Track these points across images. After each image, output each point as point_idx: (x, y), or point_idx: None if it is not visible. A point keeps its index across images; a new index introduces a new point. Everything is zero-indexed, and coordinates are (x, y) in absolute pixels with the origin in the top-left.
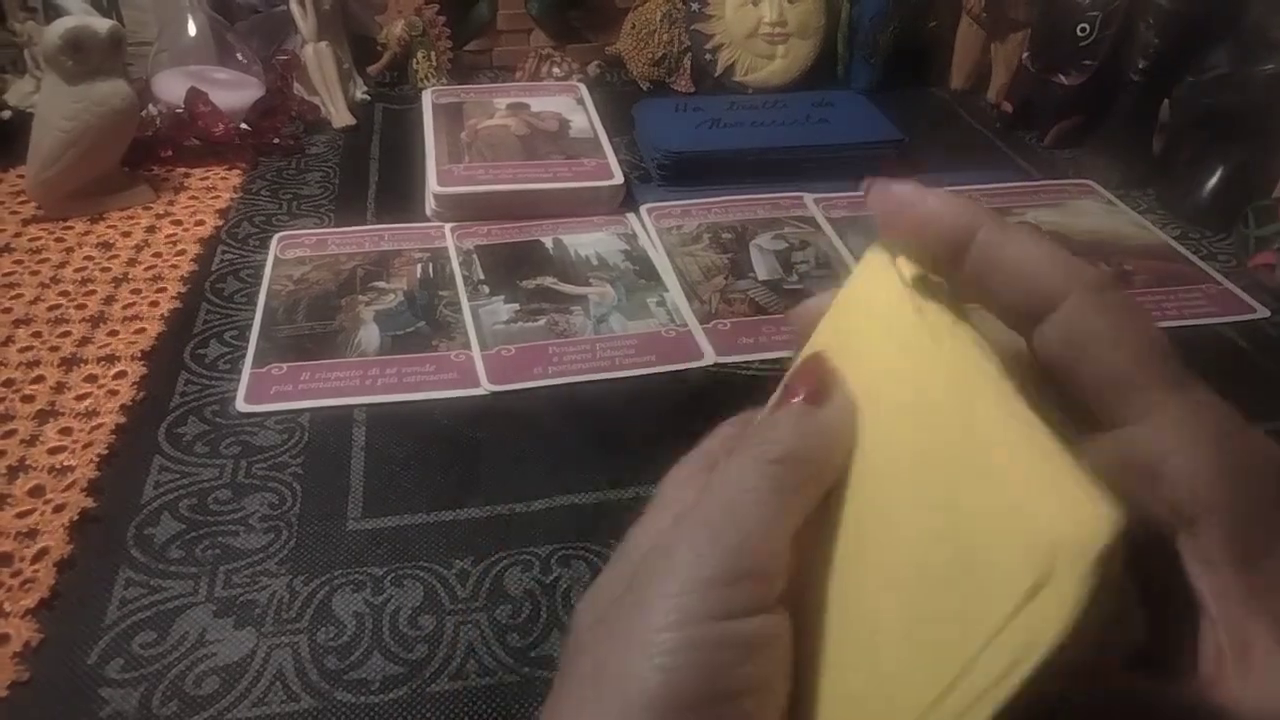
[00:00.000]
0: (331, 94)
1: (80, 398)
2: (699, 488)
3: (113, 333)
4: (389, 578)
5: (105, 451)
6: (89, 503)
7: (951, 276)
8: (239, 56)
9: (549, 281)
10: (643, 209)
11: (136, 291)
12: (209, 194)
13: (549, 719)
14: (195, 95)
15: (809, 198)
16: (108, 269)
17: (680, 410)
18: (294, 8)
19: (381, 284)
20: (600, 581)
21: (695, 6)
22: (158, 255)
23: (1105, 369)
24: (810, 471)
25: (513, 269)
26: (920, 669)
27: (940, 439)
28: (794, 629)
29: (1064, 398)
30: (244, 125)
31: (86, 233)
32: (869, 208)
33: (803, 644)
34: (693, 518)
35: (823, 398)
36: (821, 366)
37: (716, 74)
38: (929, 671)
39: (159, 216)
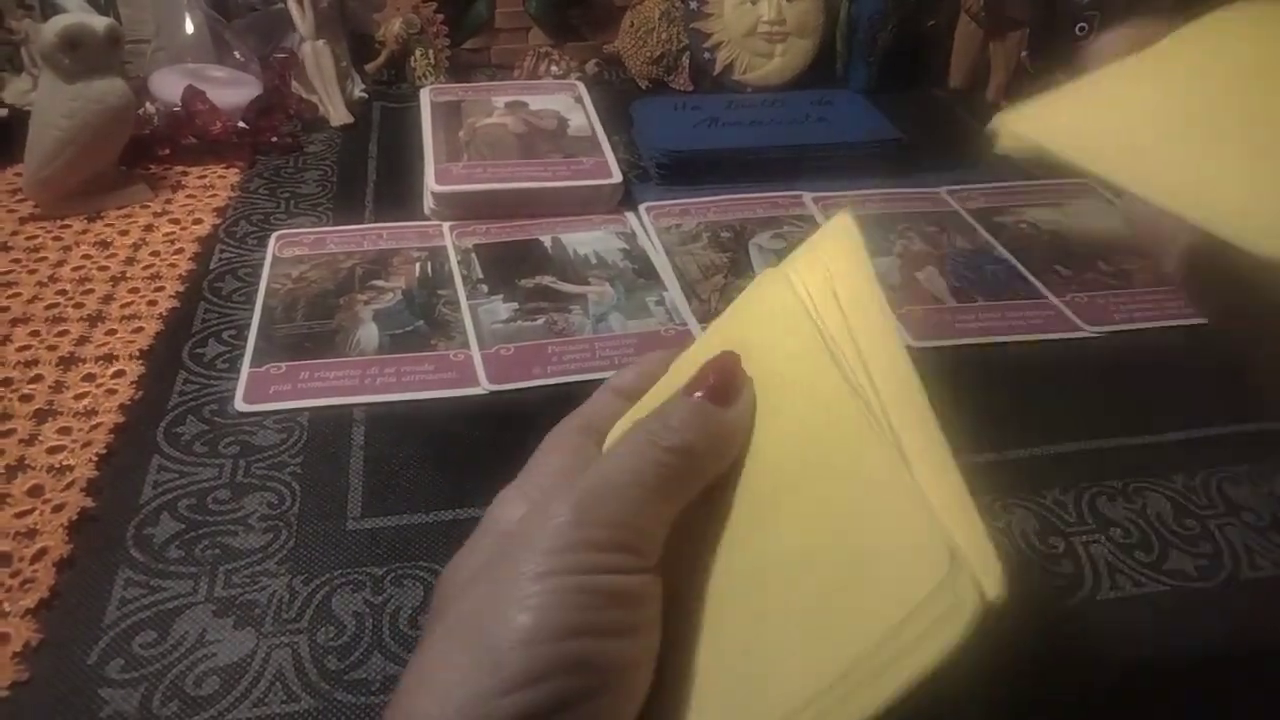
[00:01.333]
0: (329, 92)
1: (79, 397)
2: (570, 452)
3: (111, 332)
4: (389, 577)
5: (104, 451)
6: (88, 502)
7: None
8: (236, 54)
9: (548, 280)
10: (641, 208)
11: (134, 290)
12: (207, 192)
13: (418, 674)
14: (193, 93)
15: (808, 197)
16: (105, 268)
17: None
18: (292, 6)
19: (380, 283)
20: (465, 548)
21: (694, 5)
22: (155, 254)
23: None
24: (698, 465)
25: (511, 268)
26: (801, 662)
27: (836, 449)
28: (672, 601)
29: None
30: (242, 123)
31: (84, 231)
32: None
33: (680, 618)
34: (579, 485)
35: (729, 399)
36: (733, 367)
37: (715, 73)
38: (810, 667)
39: (157, 215)
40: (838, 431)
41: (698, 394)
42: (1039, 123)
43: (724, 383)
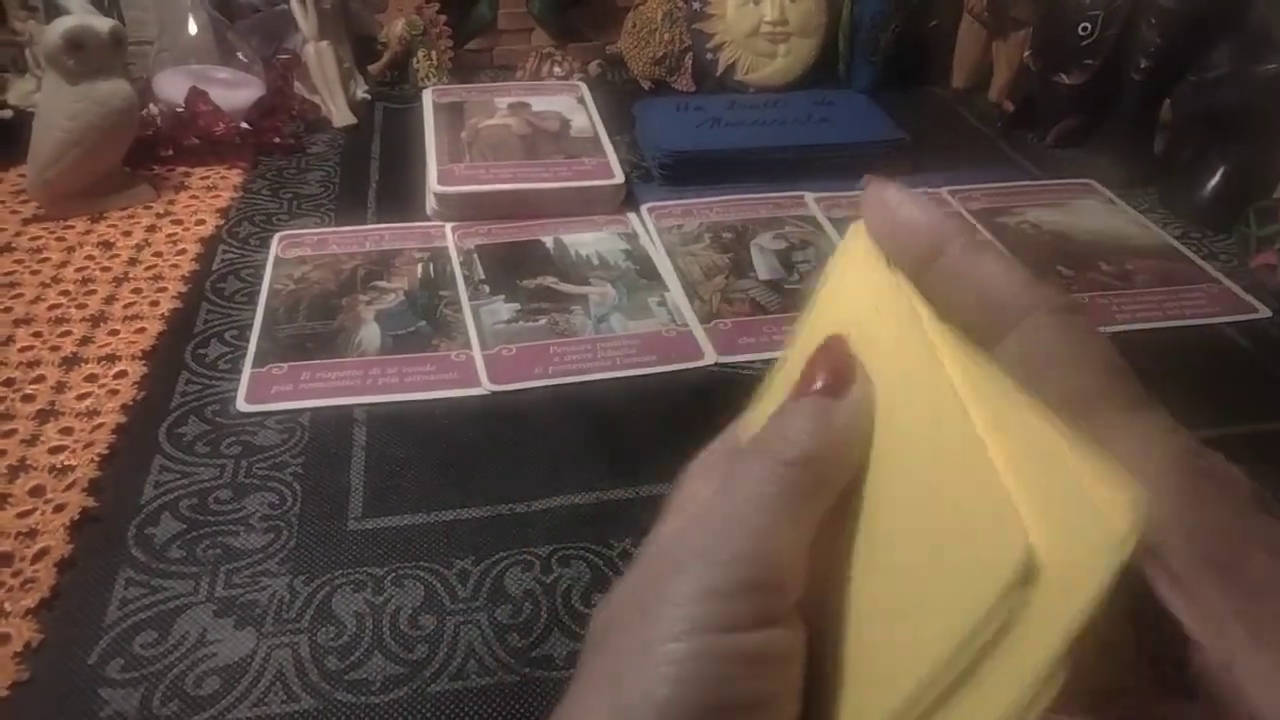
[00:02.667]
0: (332, 93)
1: (81, 397)
2: (718, 477)
3: (113, 332)
4: (389, 578)
5: (106, 451)
6: (89, 502)
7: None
8: (240, 56)
9: (549, 281)
10: (643, 208)
11: (137, 291)
12: (210, 193)
13: (571, 715)
14: (196, 94)
15: (810, 197)
16: (108, 268)
17: (681, 410)
18: (295, 7)
19: (382, 283)
20: (616, 586)
21: (696, 5)
22: (158, 255)
23: (1062, 389)
24: (826, 473)
25: (513, 269)
26: (889, 672)
27: (956, 441)
28: (811, 637)
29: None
30: (245, 124)
31: (87, 232)
32: (861, 203)
33: (821, 652)
34: (703, 523)
35: (842, 388)
36: (841, 352)
37: (717, 73)
38: (892, 679)
39: (160, 216)
40: (925, 423)
41: (809, 392)
42: None
43: (835, 372)
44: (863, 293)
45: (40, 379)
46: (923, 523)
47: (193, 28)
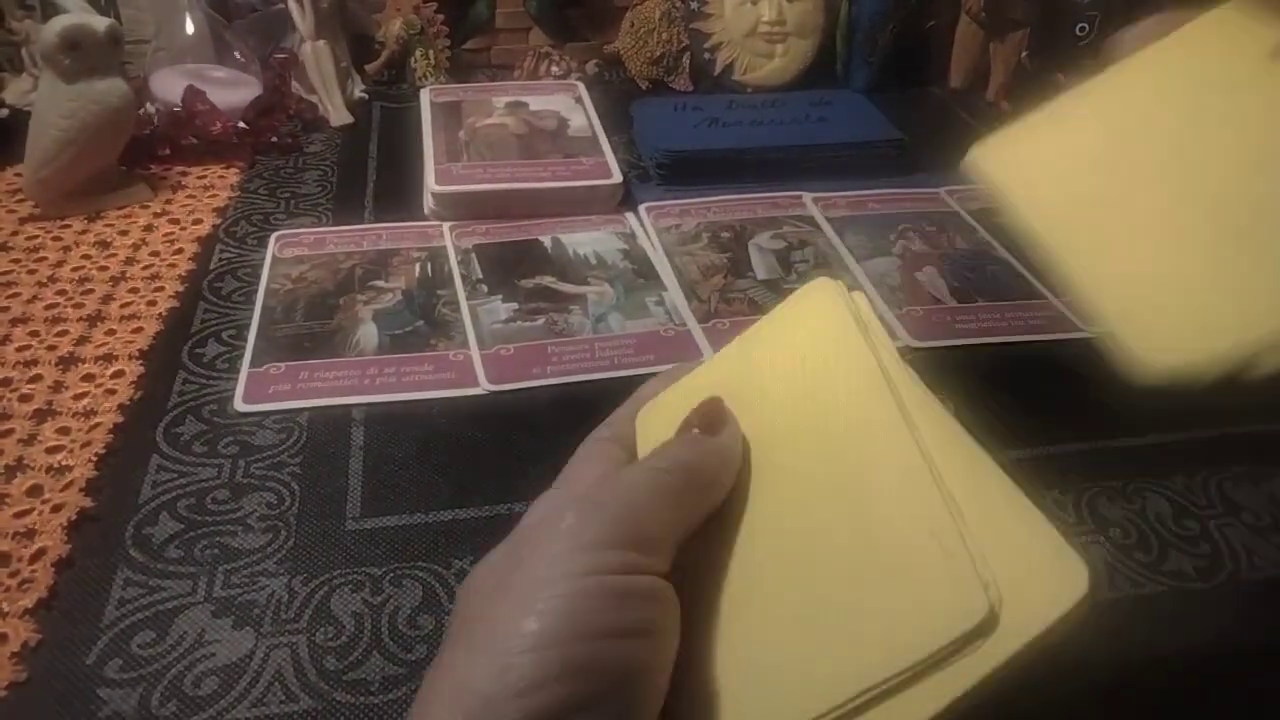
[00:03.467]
0: (329, 92)
1: (78, 397)
2: (600, 465)
3: (110, 332)
4: (388, 578)
5: (103, 451)
6: (87, 502)
7: None
8: (237, 55)
9: (547, 281)
10: (641, 208)
11: (134, 290)
12: (207, 193)
13: (434, 679)
14: (193, 94)
15: (808, 197)
16: (105, 268)
17: None
18: (292, 6)
19: (380, 283)
20: (488, 556)
21: (694, 5)
22: (155, 254)
23: None
24: (695, 480)
25: (511, 268)
26: (821, 678)
27: (867, 470)
28: (698, 613)
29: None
30: (242, 124)
31: (84, 231)
32: None
33: (707, 631)
34: (584, 498)
35: (715, 430)
36: (715, 407)
37: (715, 73)
38: (828, 683)
39: (157, 215)
40: (874, 449)
41: (689, 432)
42: (1002, 166)
43: (708, 416)
44: (822, 317)
45: (37, 378)
46: (870, 553)
47: (189, 27)
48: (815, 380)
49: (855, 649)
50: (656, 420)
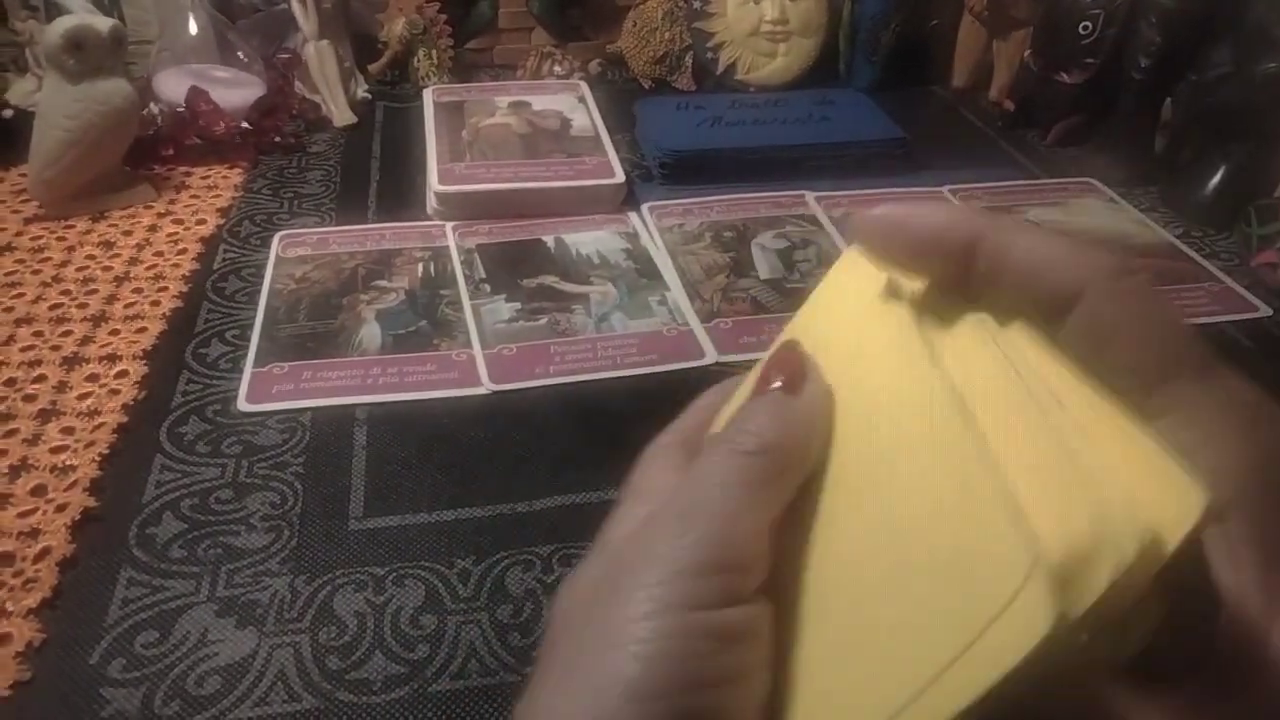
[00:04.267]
0: (333, 92)
1: (82, 397)
2: (672, 471)
3: (114, 332)
4: (390, 577)
5: (107, 451)
6: (91, 502)
7: (965, 287)
8: (240, 55)
9: (550, 280)
10: (644, 208)
11: (138, 290)
12: (210, 193)
13: (527, 708)
14: (196, 94)
15: (810, 196)
16: (109, 268)
17: (682, 409)
18: (295, 6)
19: (383, 283)
20: (579, 572)
21: (697, 5)
22: (159, 254)
23: (1131, 360)
24: (785, 462)
25: (514, 268)
26: (895, 667)
27: (930, 437)
28: (775, 618)
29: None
30: (245, 124)
31: (88, 232)
32: (859, 239)
33: (783, 633)
34: (668, 509)
35: (798, 386)
36: (796, 354)
37: (718, 72)
38: (902, 671)
39: (160, 215)
40: (913, 420)
41: (766, 390)
42: None
43: (788, 373)
44: (854, 313)
45: (42, 378)
46: (920, 528)
47: (193, 27)
48: (859, 355)
49: (912, 642)
50: None
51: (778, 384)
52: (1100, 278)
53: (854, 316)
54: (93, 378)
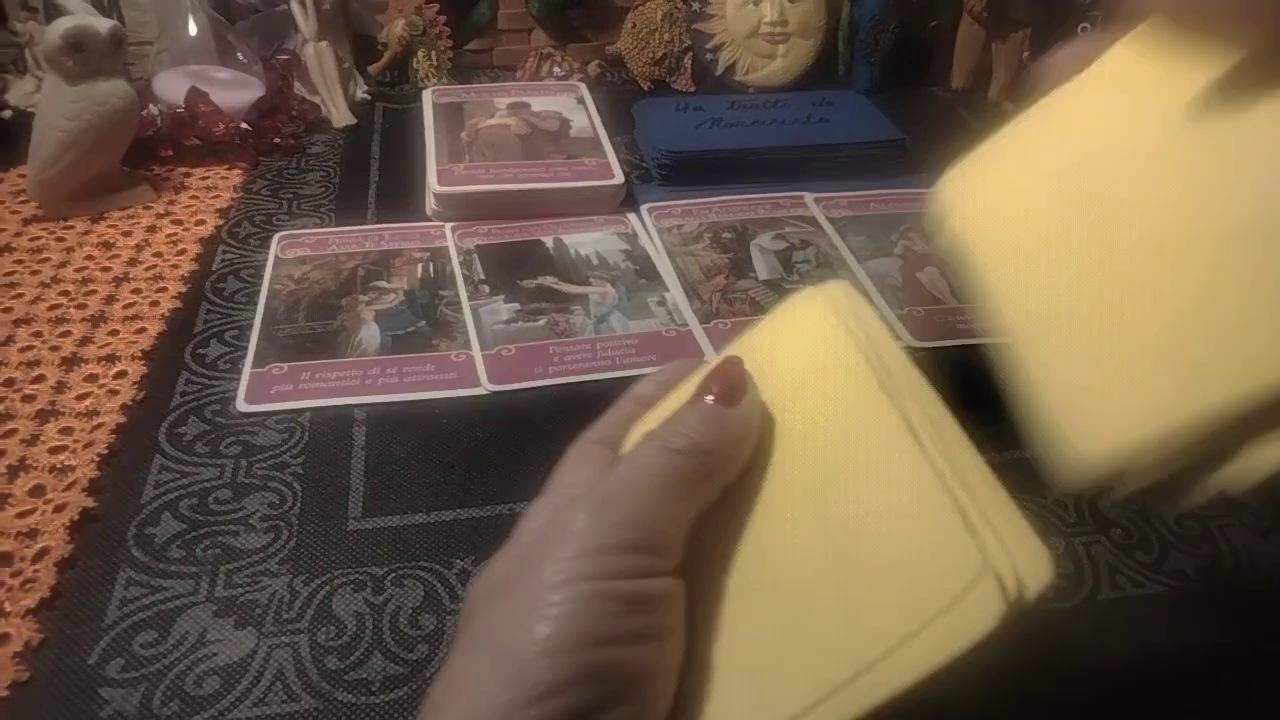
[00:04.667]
0: (332, 93)
1: (81, 397)
2: (592, 467)
3: (113, 332)
4: (389, 577)
5: (106, 451)
6: (89, 502)
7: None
8: (239, 56)
9: (549, 281)
10: (643, 208)
11: (137, 291)
12: (209, 193)
13: (444, 686)
14: (196, 95)
15: (809, 197)
16: (108, 268)
17: None
18: (294, 7)
19: (382, 283)
20: (492, 561)
21: (696, 6)
22: (158, 255)
23: None
24: (713, 465)
25: (513, 269)
26: (832, 652)
27: (882, 452)
28: (695, 605)
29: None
30: (244, 125)
31: (87, 232)
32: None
33: (702, 621)
34: (595, 492)
35: (733, 399)
36: (736, 369)
37: (717, 73)
38: (839, 655)
39: (159, 216)
40: (867, 437)
41: (704, 399)
42: (966, 214)
43: (727, 385)
44: (807, 323)
45: (40, 379)
46: (866, 531)
47: (192, 28)
48: (806, 382)
49: (853, 626)
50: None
51: (712, 396)
52: None
53: (801, 344)
54: (91, 378)
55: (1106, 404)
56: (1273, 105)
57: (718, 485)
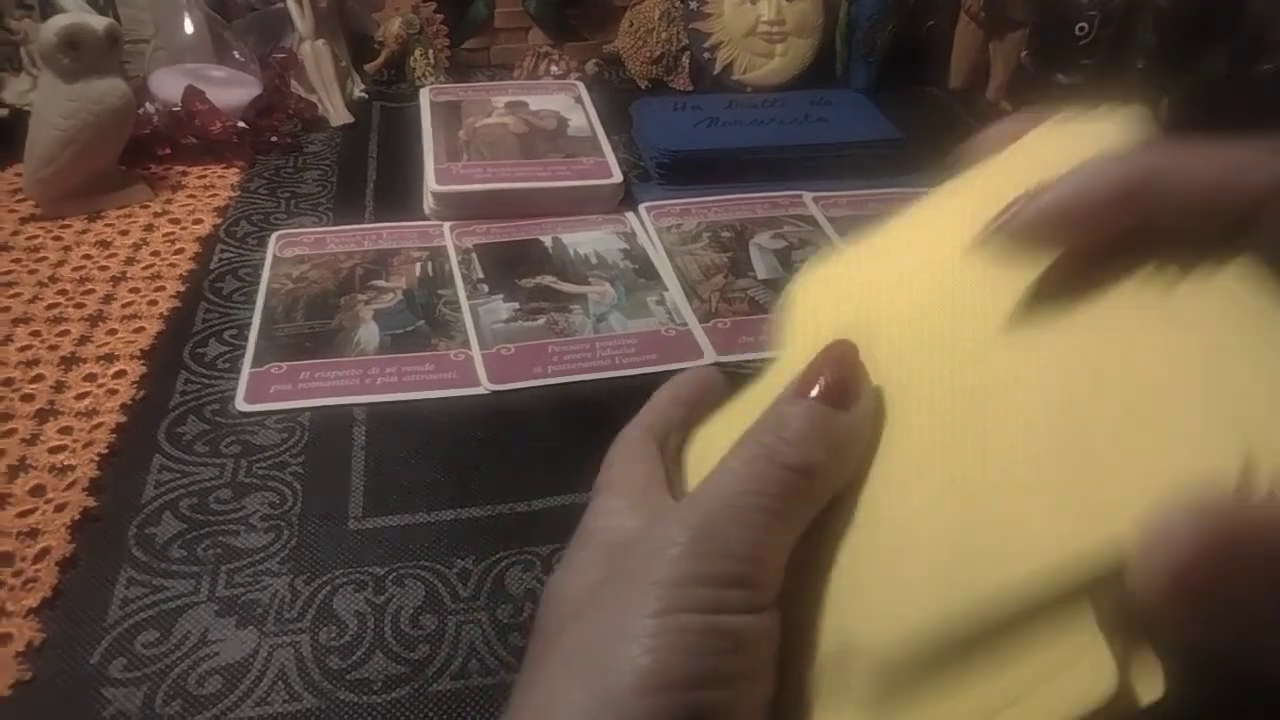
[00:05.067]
0: (329, 92)
1: (80, 397)
2: (643, 462)
3: (112, 331)
4: (390, 577)
5: (105, 451)
6: (90, 502)
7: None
8: (236, 54)
9: (548, 280)
10: (642, 208)
11: (135, 290)
12: (207, 192)
13: (525, 697)
14: (192, 93)
15: (808, 196)
16: (106, 268)
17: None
18: (291, 5)
19: (380, 283)
20: (572, 563)
21: (694, 5)
22: (156, 254)
23: None
24: (822, 483)
25: (512, 268)
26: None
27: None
28: (783, 623)
29: None
30: (241, 123)
31: (84, 231)
32: (1010, 241)
33: (790, 637)
34: (696, 507)
35: (849, 400)
36: (850, 360)
37: (715, 72)
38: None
39: (157, 215)
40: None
41: (812, 395)
42: (808, 313)
43: (840, 382)
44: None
45: (39, 378)
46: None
47: (189, 26)
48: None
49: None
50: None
51: (821, 389)
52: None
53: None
54: (90, 377)
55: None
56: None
57: (822, 504)
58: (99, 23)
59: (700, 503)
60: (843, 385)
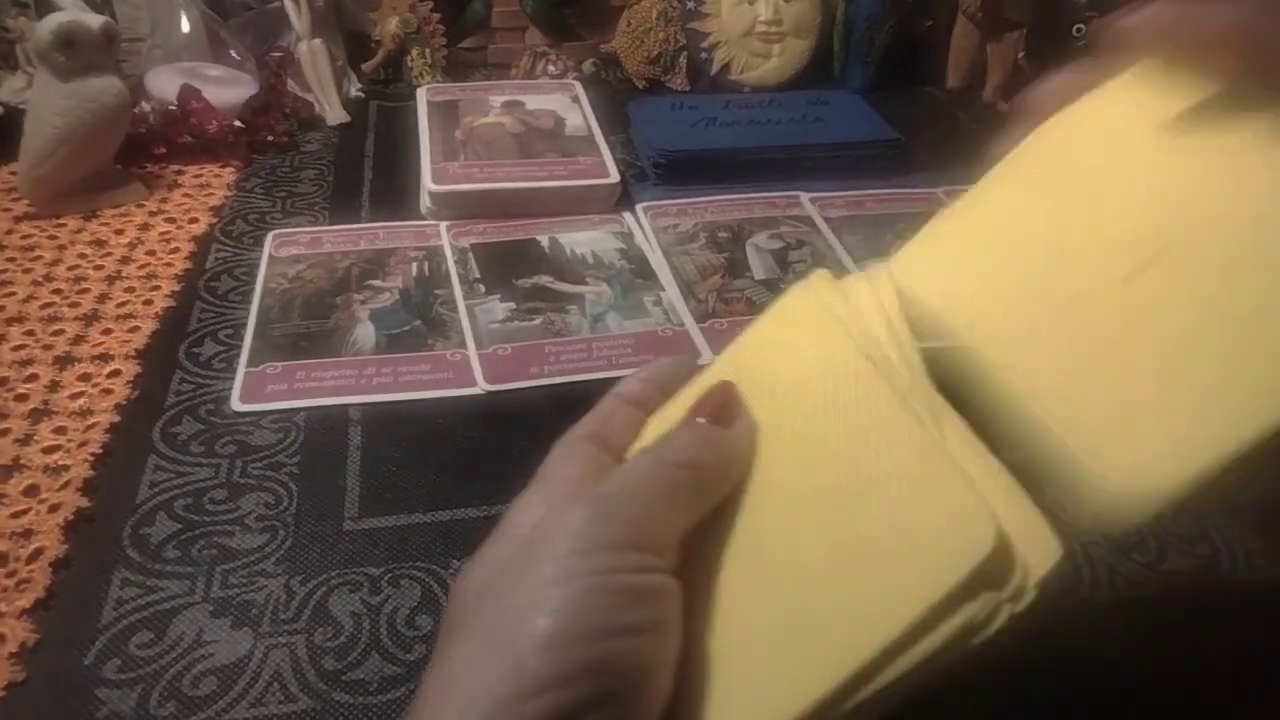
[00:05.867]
0: (325, 91)
1: (74, 396)
2: (579, 463)
3: (106, 331)
4: (386, 578)
5: (100, 451)
6: (84, 502)
7: None
8: (232, 53)
9: (545, 280)
10: (639, 208)
11: (130, 290)
12: (203, 191)
13: (441, 680)
14: (188, 92)
15: (805, 197)
16: (101, 267)
17: None
18: (288, 4)
19: (377, 282)
20: (482, 553)
21: (691, 5)
22: (151, 253)
23: None
24: (706, 479)
25: (508, 268)
26: (832, 646)
27: (873, 442)
28: (696, 610)
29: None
30: (238, 122)
31: (79, 230)
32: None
33: (704, 624)
34: (593, 491)
35: (730, 421)
36: (727, 394)
37: (712, 72)
38: (841, 649)
39: (152, 214)
40: (873, 426)
41: (699, 419)
42: (926, 278)
43: (719, 408)
44: (804, 318)
45: (33, 378)
46: (866, 518)
47: (185, 25)
48: (805, 385)
49: (866, 609)
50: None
51: (704, 418)
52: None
53: (796, 345)
54: (85, 377)
55: (1137, 441)
56: (1255, 129)
57: (711, 501)
58: (95, 21)
59: (598, 489)
60: (723, 409)
